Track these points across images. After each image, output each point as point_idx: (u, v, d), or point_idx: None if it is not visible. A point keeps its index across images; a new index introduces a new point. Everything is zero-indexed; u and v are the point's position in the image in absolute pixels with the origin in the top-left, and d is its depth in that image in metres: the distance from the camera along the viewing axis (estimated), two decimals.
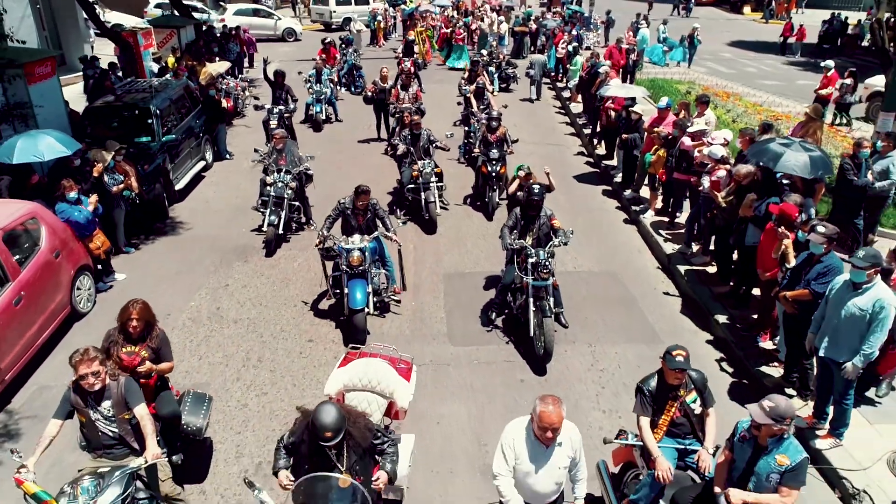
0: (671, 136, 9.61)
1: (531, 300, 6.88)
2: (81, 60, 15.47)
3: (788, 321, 6.18)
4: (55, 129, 8.97)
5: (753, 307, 7.59)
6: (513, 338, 7.42)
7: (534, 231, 7.21)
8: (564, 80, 19.21)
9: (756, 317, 7.37)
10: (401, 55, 19.39)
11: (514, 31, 25.53)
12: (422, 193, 10.07)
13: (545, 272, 6.85)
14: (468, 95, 13.78)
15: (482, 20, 25.17)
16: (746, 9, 41.06)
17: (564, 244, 7.15)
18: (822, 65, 15.80)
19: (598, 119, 13.49)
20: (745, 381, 6.71)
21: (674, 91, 17.04)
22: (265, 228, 9.41)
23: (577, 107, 16.96)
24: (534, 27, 24.66)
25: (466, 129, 12.93)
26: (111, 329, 4.96)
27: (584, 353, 7.19)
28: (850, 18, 28.59)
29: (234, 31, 21.19)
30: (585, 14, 29.00)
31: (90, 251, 7.94)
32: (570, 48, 18.96)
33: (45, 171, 8.83)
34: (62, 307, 7.22)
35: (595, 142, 14.09)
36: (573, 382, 6.71)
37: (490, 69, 17.62)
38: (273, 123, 12.55)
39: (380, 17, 27.72)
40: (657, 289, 8.67)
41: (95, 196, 8.29)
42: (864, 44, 25.53)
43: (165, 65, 16.72)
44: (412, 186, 10.29)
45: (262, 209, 9.50)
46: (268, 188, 9.43)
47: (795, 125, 11.57)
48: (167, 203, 10.64)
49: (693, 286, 8.38)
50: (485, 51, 20.18)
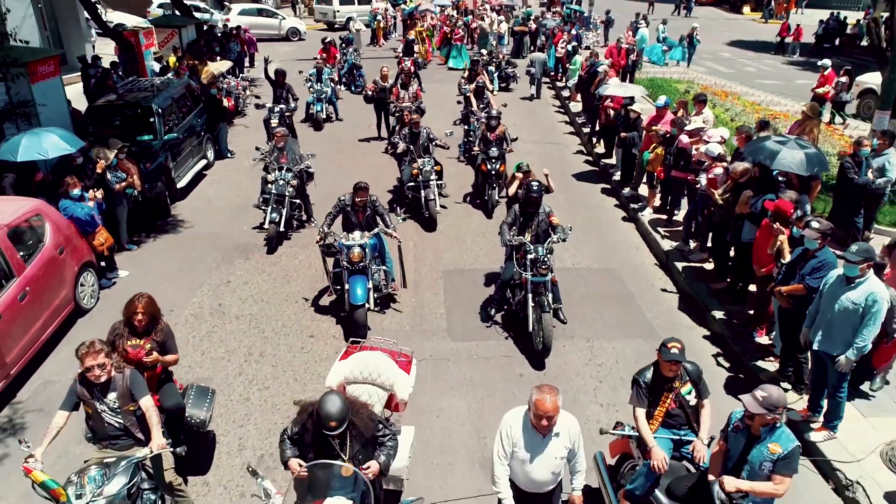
0: (669, 135, 9.68)
1: (530, 296, 6.95)
2: (80, 60, 15.50)
3: (783, 316, 6.26)
4: (58, 128, 9.05)
5: (750, 303, 7.66)
6: (512, 333, 7.49)
7: (532, 228, 7.28)
8: (564, 80, 19.29)
9: (752, 312, 7.45)
10: (401, 54, 19.45)
11: (514, 31, 25.63)
12: (421, 191, 10.17)
13: (544, 268, 6.93)
14: (468, 94, 13.86)
15: (482, 19, 25.25)
16: (746, 9, 41.14)
17: (563, 240, 7.23)
18: (819, 64, 15.88)
19: (597, 118, 13.56)
20: (742, 376, 6.78)
21: (673, 90, 17.10)
22: (266, 226, 9.48)
23: (577, 106, 17.04)
24: (533, 27, 24.74)
25: (466, 128, 13.02)
26: (116, 322, 5.02)
27: (583, 349, 7.27)
28: (850, 18, 28.66)
29: (235, 31, 21.28)
30: (585, 14, 29.10)
31: (93, 248, 8.01)
32: (570, 48, 19.04)
33: (49, 169, 8.90)
34: (66, 303, 7.29)
35: (594, 140, 14.16)
36: (571, 377, 6.79)
37: (490, 68, 17.69)
38: (274, 122, 12.60)
39: (380, 17, 27.79)
40: (655, 285, 8.75)
41: (101, 191, 8.37)
42: (863, 43, 25.58)
43: (167, 64, 16.79)
44: (412, 184, 10.37)
45: (264, 207, 9.58)
46: (269, 186, 9.51)
47: (792, 123, 11.64)
48: (169, 201, 10.71)
49: (690, 282, 8.46)
50: (485, 50, 20.24)
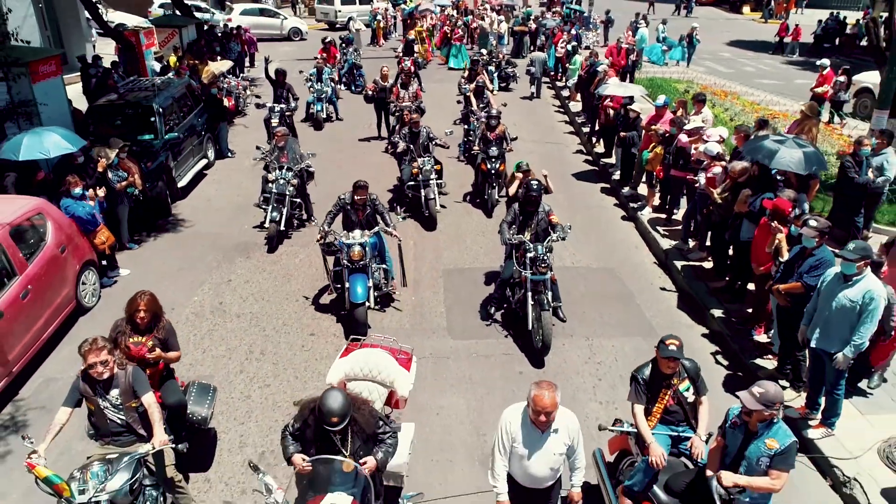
0: (668, 134, 9.71)
1: (529, 294, 6.98)
2: (80, 59, 15.53)
3: (782, 314, 6.29)
4: (60, 127, 9.08)
5: (748, 301, 7.69)
6: (511, 331, 7.52)
7: (532, 226, 7.31)
8: (564, 79, 19.32)
9: (751, 311, 7.48)
10: (401, 54, 19.47)
11: (514, 31, 25.66)
12: (421, 190, 10.20)
13: (543, 266, 6.96)
14: (468, 94, 13.88)
15: (482, 19, 25.29)
16: (746, 8, 41.14)
17: (562, 239, 7.26)
18: (818, 64, 15.92)
19: (597, 117, 13.60)
20: (740, 374, 6.81)
21: (672, 90, 17.12)
22: (267, 225, 9.51)
23: (576, 105, 17.08)
24: (533, 27, 24.77)
25: (466, 128, 13.05)
26: (119, 319, 5.06)
27: (582, 347, 7.30)
28: (850, 18, 28.68)
29: (236, 31, 21.31)
30: (585, 13, 29.11)
31: (95, 247, 8.04)
32: (570, 47, 19.07)
33: (51, 168, 8.93)
34: (68, 301, 7.32)
35: (593, 140, 14.20)
36: (571, 375, 6.82)
37: (490, 68, 17.71)
38: (274, 122, 12.64)
39: (380, 17, 27.82)
40: (654, 284, 8.78)
41: (102, 190, 8.40)
42: (863, 43, 25.61)
43: (167, 64, 16.82)
44: (412, 183, 10.41)
45: (264, 206, 9.61)
46: (270, 185, 9.54)
47: (791, 123, 11.67)
48: (170, 200, 10.74)
49: (689, 281, 8.49)
50: (485, 50, 20.27)
